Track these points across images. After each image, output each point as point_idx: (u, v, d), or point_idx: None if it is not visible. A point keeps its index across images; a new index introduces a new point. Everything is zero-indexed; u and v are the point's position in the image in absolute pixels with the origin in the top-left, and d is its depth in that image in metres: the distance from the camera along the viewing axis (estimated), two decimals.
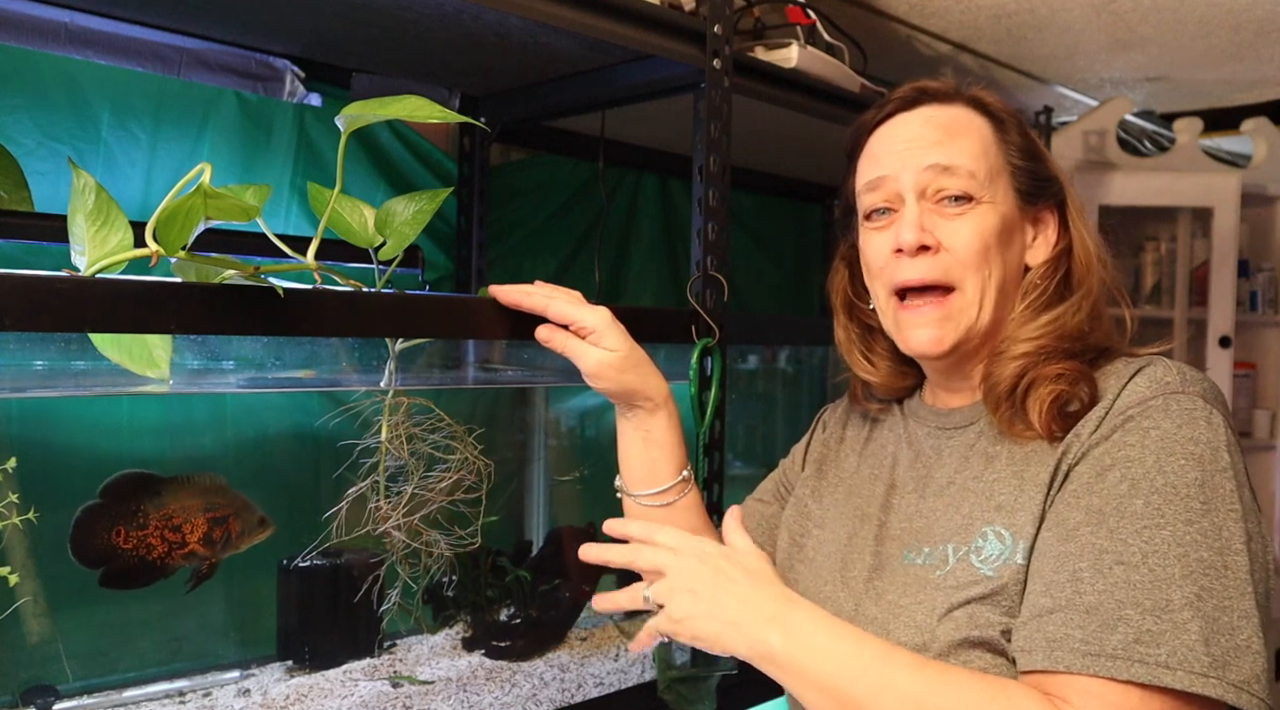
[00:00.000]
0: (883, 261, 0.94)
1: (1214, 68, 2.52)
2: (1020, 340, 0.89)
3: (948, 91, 0.96)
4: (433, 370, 1.26)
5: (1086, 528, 0.77)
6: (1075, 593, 0.75)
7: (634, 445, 1.10)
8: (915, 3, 1.99)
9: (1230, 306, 2.93)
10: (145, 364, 0.88)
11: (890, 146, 0.94)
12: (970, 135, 0.92)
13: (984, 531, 0.84)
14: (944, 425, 0.97)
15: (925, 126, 0.93)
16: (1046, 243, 0.95)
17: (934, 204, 0.91)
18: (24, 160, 1.23)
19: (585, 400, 1.91)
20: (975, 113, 0.95)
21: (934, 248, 0.90)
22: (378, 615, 1.22)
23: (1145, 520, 0.75)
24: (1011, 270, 0.92)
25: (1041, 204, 0.95)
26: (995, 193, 0.91)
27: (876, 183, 0.94)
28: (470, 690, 1.27)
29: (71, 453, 1.25)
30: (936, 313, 0.90)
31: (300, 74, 1.50)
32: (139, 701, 1.23)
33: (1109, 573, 0.74)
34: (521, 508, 1.80)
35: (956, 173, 0.90)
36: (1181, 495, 0.75)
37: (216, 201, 0.84)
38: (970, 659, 0.80)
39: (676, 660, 1.35)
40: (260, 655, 1.35)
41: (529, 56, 1.37)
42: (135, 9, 1.26)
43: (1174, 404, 0.79)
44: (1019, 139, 0.94)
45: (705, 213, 1.34)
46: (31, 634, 1.14)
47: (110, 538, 1.10)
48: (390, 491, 1.14)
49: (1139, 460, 0.77)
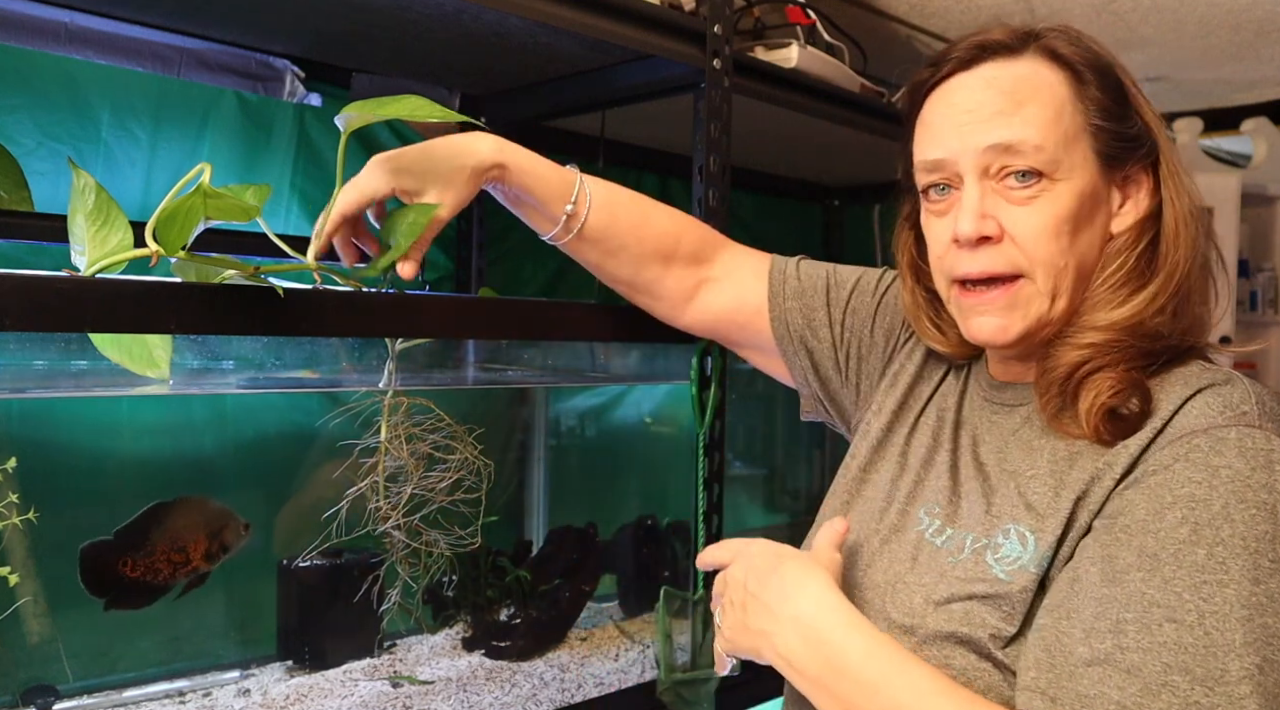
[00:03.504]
0: (941, 250, 0.85)
1: (1214, 68, 2.52)
2: (1091, 328, 0.79)
3: (1012, 43, 0.82)
4: (433, 370, 1.26)
5: (1138, 573, 0.68)
6: (1117, 647, 0.67)
7: (513, 207, 1.07)
8: (915, 3, 1.99)
9: (1230, 307, 2.93)
10: (145, 364, 0.88)
11: (948, 119, 0.83)
12: (1039, 98, 0.80)
13: (1007, 528, 0.79)
14: (993, 399, 0.89)
15: (987, 92, 0.81)
16: (1136, 209, 0.82)
17: (998, 182, 0.80)
18: (24, 160, 1.23)
19: (585, 400, 1.91)
20: (1048, 65, 0.81)
21: (996, 237, 0.80)
22: (378, 615, 1.22)
23: (1206, 574, 0.66)
24: (1092, 250, 0.81)
25: (1131, 164, 0.82)
26: (1071, 164, 0.79)
27: (934, 165, 0.83)
28: (470, 690, 1.27)
29: (71, 453, 1.25)
30: (1002, 300, 0.81)
31: (300, 74, 1.50)
32: (139, 701, 1.23)
33: (1157, 630, 0.66)
34: (521, 508, 1.80)
35: (1022, 149, 0.78)
36: (1250, 550, 0.66)
37: (216, 201, 0.83)
38: (952, 655, 0.77)
39: (677, 660, 1.35)
40: (260, 655, 1.35)
41: (529, 56, 1.37)
42: (135, 9, 1.26)
43: (1249, 440, 0.70)
44: (1100, 94, 0.81)
45: (705, 213, 1.34)
46: (31, 634, 1.14)
47: (118, 569, 1.11)
48: (390, 492, 1.14)
49: (1205, 502, 0.68)
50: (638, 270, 1.11)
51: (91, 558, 1.10)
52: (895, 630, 0.81)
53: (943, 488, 0.88)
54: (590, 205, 1.05)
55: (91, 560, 1.10)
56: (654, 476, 2.00)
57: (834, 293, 1.08)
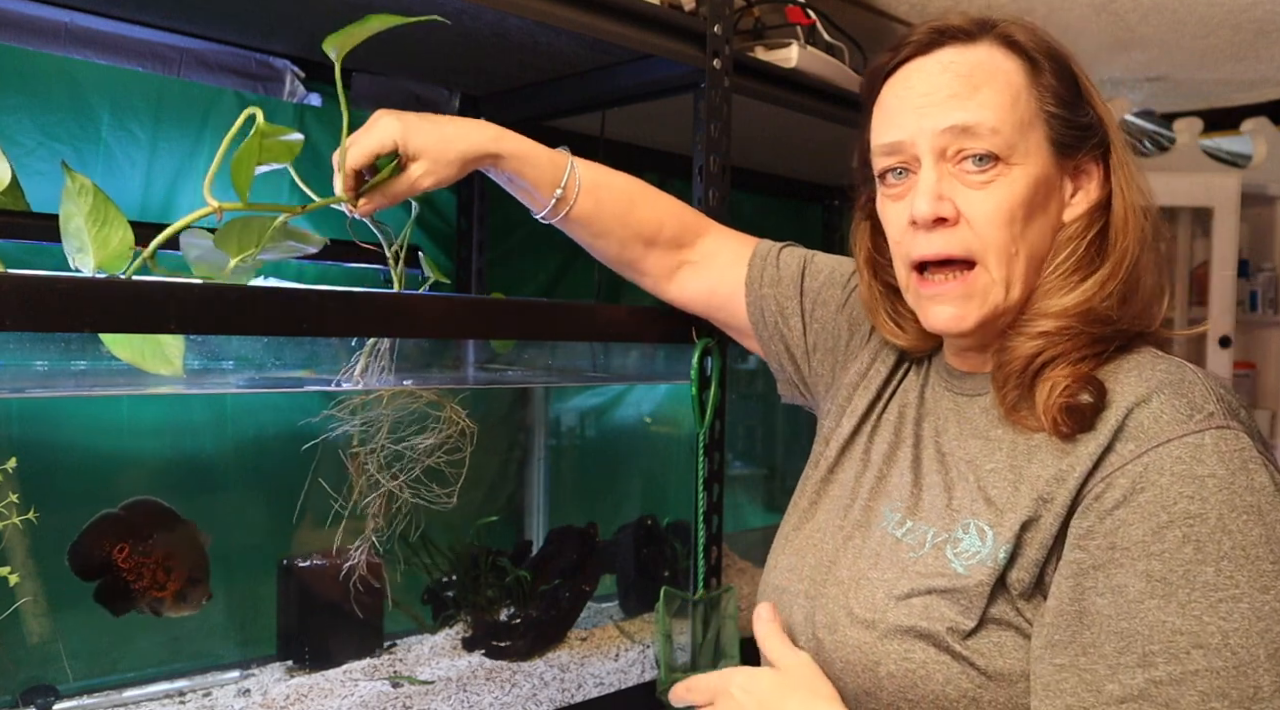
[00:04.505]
0: (899, 234, 0.86)
1: (1214, 68, 2.52)
2: (1043, 316, 0.80)
3: (970, 29, 0.84)
4: (432, 370, 1.25)
5: (1152, 601, 0.69)
6: (1150, 682, 0.67)
7: (507, 187, 1.12)
8: (915, 3, 1.99)
9: (1230, 306, 2.93)
10: (159, 362, 0.88)
11: (904, 101, 0.84)
12: (996, 83, 0.81)
13: (966, 523, 0.80)
14: (954, 389, 0.91)
15: (944, 75, 0.82)
16: (1087, 198, 0.84)
17: (955, 166, 0.81)
18: (24, 160, 1.23)
19: (585, 400, 1.91)
20: (1004, 53, 0.83)
21: (952, 219, 0.81)
22: (385, 601, 1.21)
23: (1220, 592, 0.67)
24: (1044, 238, 0.83)
25: (1083, 154, 0.83)
26: (1027, 149, 0.80)
27: (892, 147, 0.84)
28: (470, 690, 1.27)
29: (71, 453, 1.25)
30: (958, 290, 0.82)
31: (300, 74, 1.50)
32: (139, 701, 1.23)
33: (1186, 658, 0.67)
34: (521, 508, 1.80)
35: (978, 132, 0.79)
36: (1251, 557, 0.67)
37: (269, 143, 0.92)
38: (912, 648, 0.78)
39: (677, 660, 1.35)
40: (260, 655, 1.35)
41: (529, 56, 1.37)
42: (134, 9, 1.26)
43: (1223, 443, 0.71)
44: (1055, 82, 0.82)
45: (705, 213, 1.34)
46: (31, 634, 1.14)
47: (111, 551, 1.10)
48: (378, 485, 1.14)
49: (1200, 517, 0.69)
50: (621, 250, 1.17)
51: (93, 530, 1.10)
52: (857, 625, 0.83)
53: (905, 483, 0.89)
54: (579, 191, 1.11)
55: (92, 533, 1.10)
56: (654, 476, 2.00)
57: (807, 281, 1.10)
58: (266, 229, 0.95)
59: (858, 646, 0.82)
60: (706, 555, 1.36)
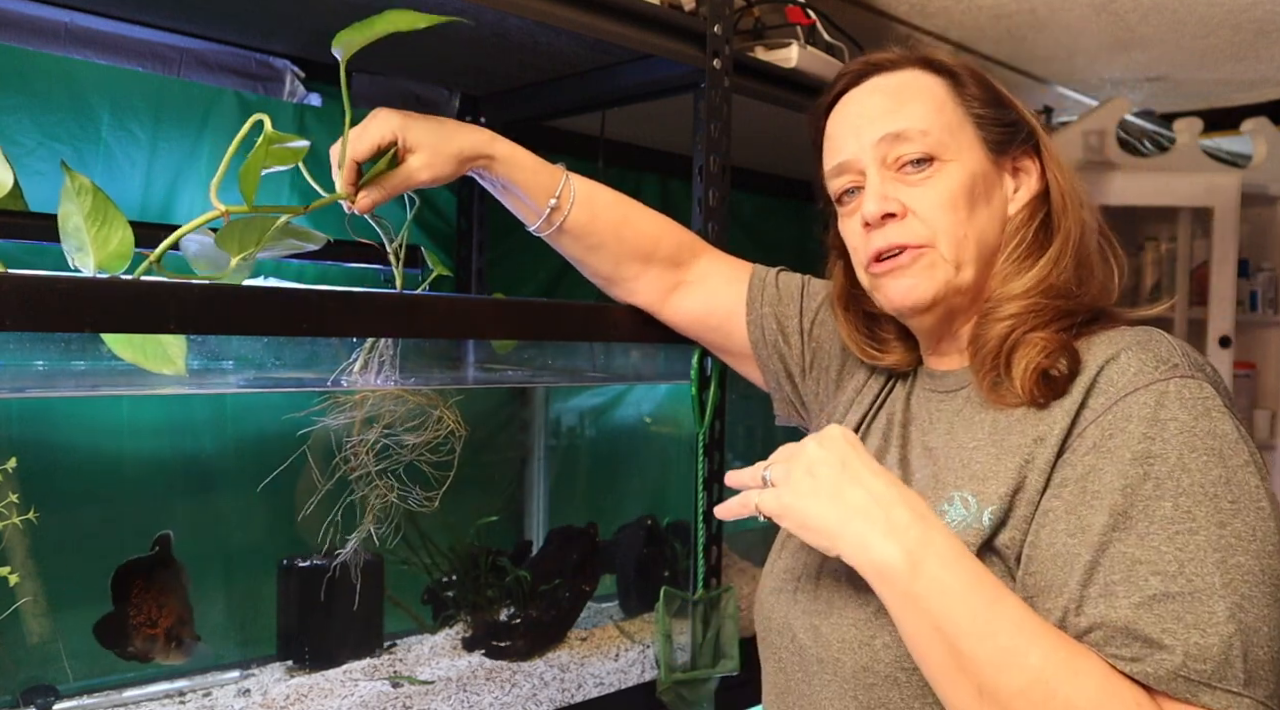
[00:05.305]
0: (857, 240, 0.93)
1: (1214, 68, 2.52)
2: (1008, 300, 0.86)
3: (895, 59, 0.94)
4: (432, 369, 1.26)
5: (1115, 533, 0.72)
6: (1110, 608, 0.71)
7: (501, 197, 1.13)
8: (915, 3, 1.99)
9: (1230, 306, 2.93)
10: (161, 362, 0.88)
11: (844, 125, 0.93)
12: (921, 97, 0.90)
13: (951, 496, 0.83)
14: (936, 389, 0.95)
15: (874, 97, 0.92)
16: (1028, 190, 0.91)
17: (896, 172, 0.89)
18: (24, 160, 1.23)
19: (585, 400, 1.91)
20: (926, 73, 0.92)
21: (900, 214, 0.88)
22: (383, 601, 1.22)
23: (1177, 525, 0.71)
24: (992, 226, 0.89)
25: (1016, 151, 0.91)
26: (960, 148, 0.89)
27: (839, 168, 0.93)
28: (470, 690, 1.27)
29: (72, 453, 1.25)
30: (907, 260, 0.88)
31: (300, 74, 1.50)
32: (139, 701, 1.23)
33: (1145, 585, 0.70)
34: (521, 508, 1.80)
35: (909, 136, 0.88)
36: (1210, 495, 0.71)
37: (275, 150, 0.94)
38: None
39: (677, 661, 1.35)
40: (260, 655, 1.35)
41: (529, 56, 1.37)
42: (134, 9, 1.26)
43: (1186, 391, 0.75)
44: (978, 89, 0.91)
45: (705, 213, 1.34)
46: (31, 634, 1.14)
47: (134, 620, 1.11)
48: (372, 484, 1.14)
49: (1161, 457, 0.73)
50: (616, 267, 1.17)
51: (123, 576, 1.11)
52: (851, 605, 0.85)
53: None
54: (573, 202, 1.12)
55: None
56: (654, 476, 2.00)
57: (806, 302, 1.14)
58: (268, 228, 0.95)
59: (854, 624, 0.84)
60: (706, 555, 1.36)
